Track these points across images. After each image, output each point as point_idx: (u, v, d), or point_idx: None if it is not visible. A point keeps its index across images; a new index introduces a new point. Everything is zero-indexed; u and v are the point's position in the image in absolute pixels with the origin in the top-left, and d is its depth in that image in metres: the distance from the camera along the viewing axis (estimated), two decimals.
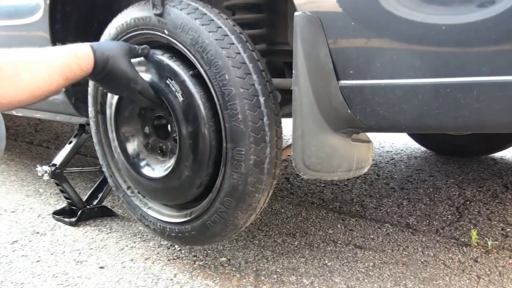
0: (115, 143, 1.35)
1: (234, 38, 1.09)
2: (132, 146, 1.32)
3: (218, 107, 1.10)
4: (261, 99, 1.07)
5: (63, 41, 1.56)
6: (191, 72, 1.14)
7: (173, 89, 1.15)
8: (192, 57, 1.12)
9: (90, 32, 1.61)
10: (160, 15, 1.16)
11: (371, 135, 1.22)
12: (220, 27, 1.10)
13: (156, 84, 1.17)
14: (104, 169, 1.47)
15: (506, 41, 0.83)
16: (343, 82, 0.99)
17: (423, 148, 2.75)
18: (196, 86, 1.13)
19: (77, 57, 1.04)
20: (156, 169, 1.28)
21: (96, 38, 1.57)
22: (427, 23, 0.88)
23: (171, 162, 1.23)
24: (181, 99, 1.14)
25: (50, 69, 0.99)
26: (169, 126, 1.26)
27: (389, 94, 0.94)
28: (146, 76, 1.19)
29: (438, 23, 0.87)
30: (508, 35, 0.83)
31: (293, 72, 0.97)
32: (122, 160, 1.35)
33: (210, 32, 1.09)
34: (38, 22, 1.55)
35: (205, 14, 1.12)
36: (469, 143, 2.46)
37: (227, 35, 1.09)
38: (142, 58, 1.21)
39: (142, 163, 1.30)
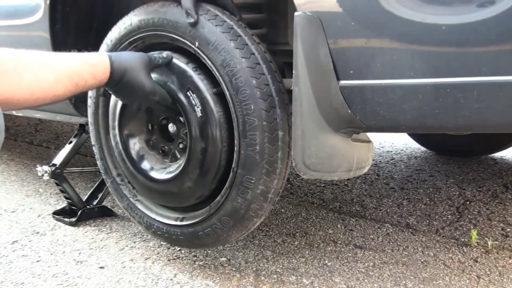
0: (115, 131, 1.32)
1: (265, 68, 1.07)
2: (133, 140, 1.30)
3: (236, 133, 1.08)
4: (280, 134, 1.07)
5: (63, 41, 1.56)
6: (214, 90, 1.12)
7: (193, 102, 1.13)
8: (220, 78, 1.09)
9: (90, 32, 1.61)
10: (193, 25, 1.11)
11: (371, 135, 1.22)
12: (253, 53, 1.07)
13: (175, 92, 1.15)
14: (95, 150, 1.44)
15: (506, 41, 0.83)
16: (343, 82, 0.99)
17: (423, 148, 2.75)
18: (217, 105, 1.11)
19: (91, 65, 1.02)
20: (156, 169, 1.27)
21: (96, 38, 1.57)
22: (427, 23, 0.88)
23: (174, 168, 1.22)
24: (199, 114, 1.12)
25: (57, 73, 0.97)
26: (173, 127, 1.25)
27: (389, 94, 0.94)
28: (167, 81, 1.16)
29: (438, 23, 0.87)
30: (508, 35, 0.83)
31: (293, 72, 0.97)
32: (119, 150, 1.33)
33: (243, 57, 1.06)
34: (38, 22, 1.55)
35: (240, 36, 1.08)
36: (469, 143, 2.46)
37: (259, 63, 1.06)
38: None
39: (141, 159, 1.29)
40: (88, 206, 1.69)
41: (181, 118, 1.20)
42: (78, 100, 1.60)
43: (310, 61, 0.96)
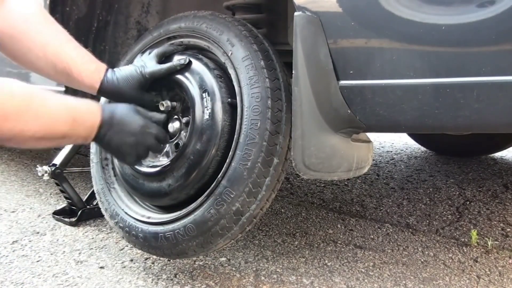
0: None
1: (284, 95, 1.09)
2: None
3: (234, 144, 1.09)
4: (275, 160, 1.07)
5: None
6: (229, 100, 1.14)
7: (205, 104, 1.14)
8: (238, 89, 1.11)
9: (90, 32, 1.61)
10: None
11: (371, 135, 1.22)
12: (278, 78, 1.10)
13: (192, 89, 1.17)
14: None
15: (506, 41, 0.83)
16: (343, 82, 0.99)
17: (423, 148, 2.75)
18: (226, 114, 1.13)
19: (83, 99, 1.06)
20: (143, 161, 1.26)
21: (96, 38, 1.57)
22: (427, 23, 0.88)
23: (160, 163, 1.22)
24: (206, 117, 1.13)
25: (58, 104, 1.00)
26: (173, 127, 1.25)
27: (389, 94, 0.94)
28: (190, 79, 1.18)
29: (438, 23, 0.87)
30: (508, 35, 0.83)
31: (293, 72, 0.97)
32: None
33: (267, 78, 1.09)
34: None
35: (272, 60, 1.12)
36: (469, 143, 2.47)
37: (279, 89, 1.09)
38: (195, 61, 1.21)
39: None
40: (88, 206, 1.69)
41: (184, 119, 1.21)
42: None
43: (310, 61, 0.96)
